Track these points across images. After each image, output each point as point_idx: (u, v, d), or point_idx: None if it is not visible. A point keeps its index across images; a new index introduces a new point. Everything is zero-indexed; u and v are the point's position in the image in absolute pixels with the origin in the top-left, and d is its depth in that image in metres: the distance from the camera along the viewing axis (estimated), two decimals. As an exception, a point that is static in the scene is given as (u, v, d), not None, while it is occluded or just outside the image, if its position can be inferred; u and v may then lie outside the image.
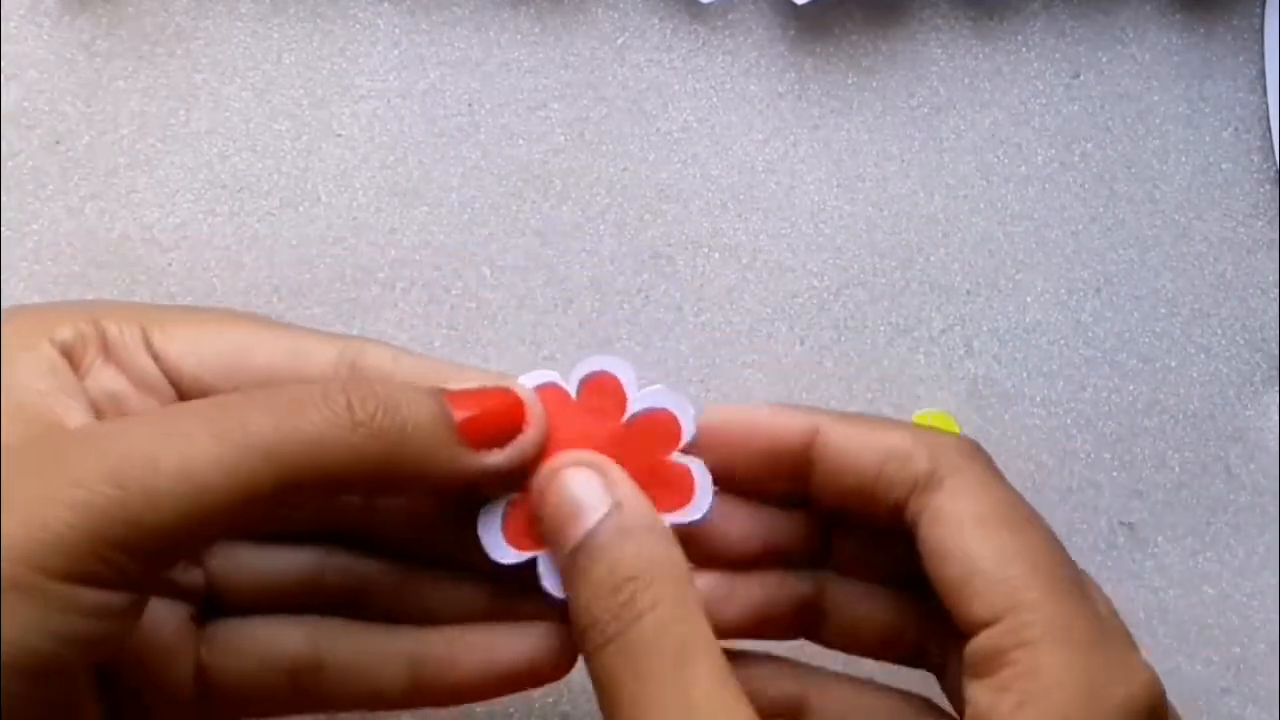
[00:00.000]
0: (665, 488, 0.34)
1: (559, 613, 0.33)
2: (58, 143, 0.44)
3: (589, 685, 0.42)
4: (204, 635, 0.34)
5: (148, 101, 0.44)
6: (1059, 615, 0.30)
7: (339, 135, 0.44)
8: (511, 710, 0.42)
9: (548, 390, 0.34)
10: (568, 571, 0.32)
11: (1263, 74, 0.44)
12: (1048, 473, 0.43)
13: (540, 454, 0.33)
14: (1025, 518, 0.32)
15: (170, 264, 0.44)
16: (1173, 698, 0.42)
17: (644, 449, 0.34)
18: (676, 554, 0.32)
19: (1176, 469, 0.43)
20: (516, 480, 0.33)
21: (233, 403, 0.30)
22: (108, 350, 0.33)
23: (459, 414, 0.32)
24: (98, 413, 0.33)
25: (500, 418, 0.33)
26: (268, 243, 0.44)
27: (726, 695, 0.30)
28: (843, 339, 0.43)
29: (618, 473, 0.33)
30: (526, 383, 0.34)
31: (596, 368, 0.34)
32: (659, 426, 0.34)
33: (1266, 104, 0.44)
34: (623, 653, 0.31)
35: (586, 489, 0.33)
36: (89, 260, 0.44)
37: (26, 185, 0.44)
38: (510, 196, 0.44)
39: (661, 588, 0.31)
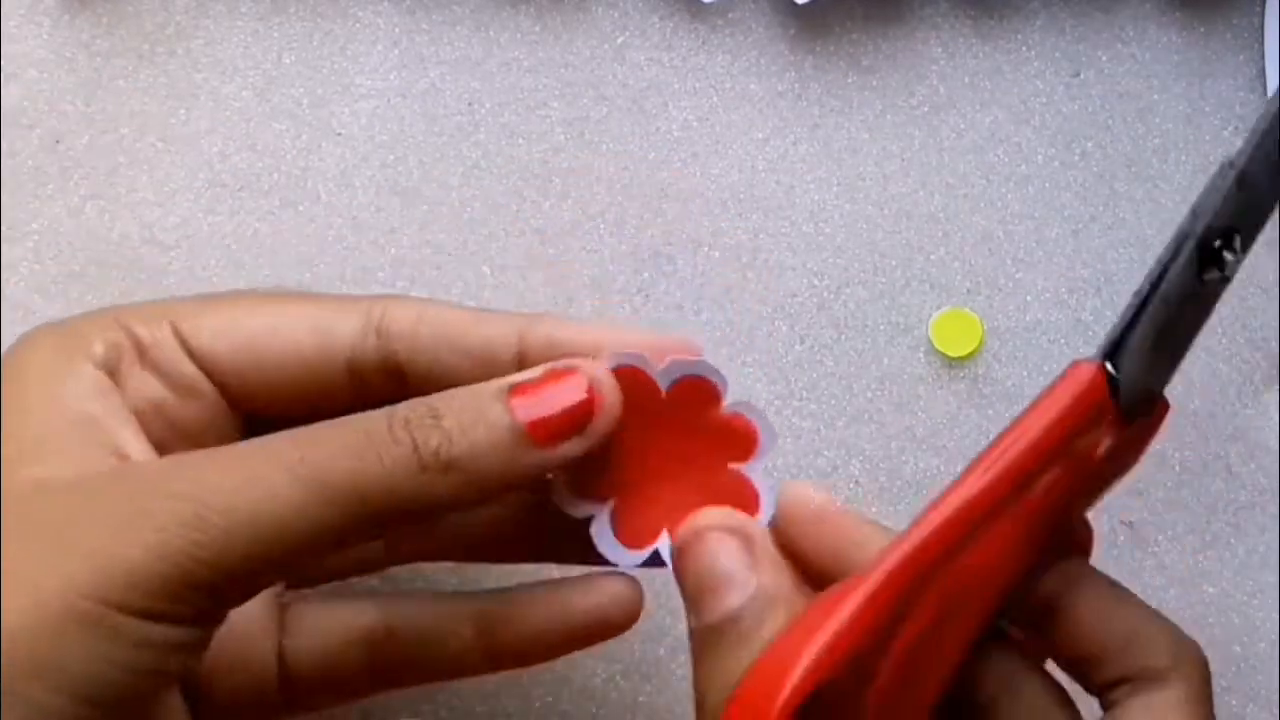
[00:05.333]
0: (728, 498, 0.34)
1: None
2: (58, 142, 0.44)
3: (590, 685, 0.42)
4: (284, 619, 0.34)
5: (148, 101, 0.44)
6: None
7: (339, 135, 0.44)
8: (511, 710, 0.42)
9: (632, 373, 0.33)
10: (702, 638, 0.32)
11: (1263, 73, 0.44)
12: (1048, 472, 0.43)
13: (613, 432, 0.33)
14: None
15: (170, 264, 0.44)
16: (1173, 697, 0.42)
17: (717, 455, 0.34)
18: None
19: (1177, 468, 0.43)
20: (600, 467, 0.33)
21: (308, 443, 0.30)
22: (143, 356, 0.33)
23: (525, 414, 0.31)
24: (142, 424, 0.33)
25: (570, 414, 0.32)
26: (268, 242, 0.44)
27: None
28: (843, 339, 0.43)
29: (762, 541, 0.32)
30: (611, 363, 0.33)
31: (692, 371, 0.34)
32: (737, 434, 0.34)
33: (1266, 103, 0.44)
34: None
35: (731, 562, 0.32)
36: (89, 260, 0.44)
37: (26, 185, 0.44)
38: (510, 196, 0.44)
39: None
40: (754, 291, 0.43)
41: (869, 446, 0.43)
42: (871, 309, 0.43)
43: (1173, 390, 0.43)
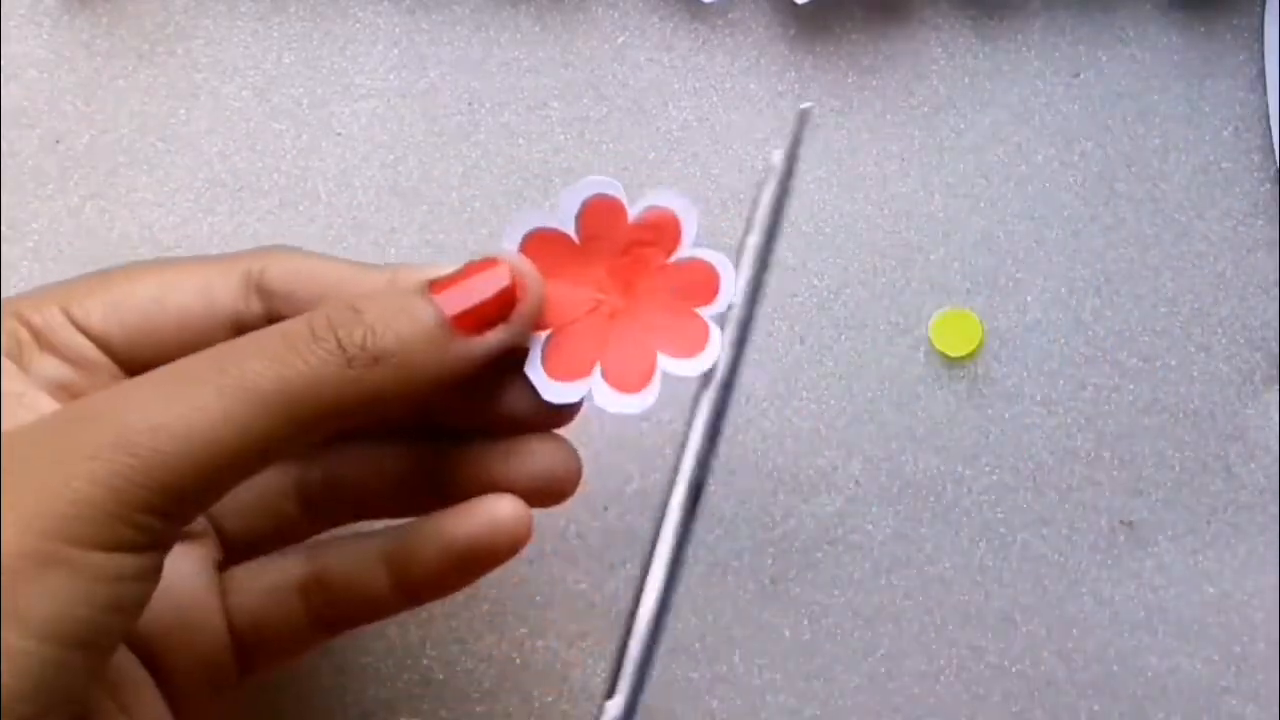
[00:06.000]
0: (678, 335, 0.34)
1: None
2: (58, 142, 0.44)
3: (590, 686, 0.42)
4: (223, 583, 0.35)
5: (148, 101, 0.44)
6: None
7: (339, 135, 0.44)
8: (511, 710, 0.42)
9: (605, 200, 0.34)
10: None
11: (1263, 73, 0.44)
12: (1048, 472, 0.43)
13: (542, 311, 0.33)
14: None
15: (170, 264, 0.44)
16: (1173, 697, 0.42)
17: (677, 294, 0.35)
18: None
19: (1176, 468, 0.43)
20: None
21: (228, 355, 0.30)
22: (40, 340, 0.34)
23: (449, 307, 0.32)
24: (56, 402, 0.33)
25: (495, 301, 0.32)
26: (268, 242, 0.44)
27: None
28: (843, 339, 0.43)
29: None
30: (521, 227, 0.34)
31: (661, 203, 0.34)
32: (698, 278, 0.35)
33: (1266, 103, 0.44)
34: None
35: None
36: (89, 260, 0.44)
37: (26, 185, 0.44)
38: (510, 196, 0.44)
39: None
40: (754, 291, 0.43)
41: (869, 446, 0.43)
42: (871, 309, 0.43)
43: (1173, 389, 0.43)
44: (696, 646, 0.42)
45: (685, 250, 0.35)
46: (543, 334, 0.34)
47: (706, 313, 0.35)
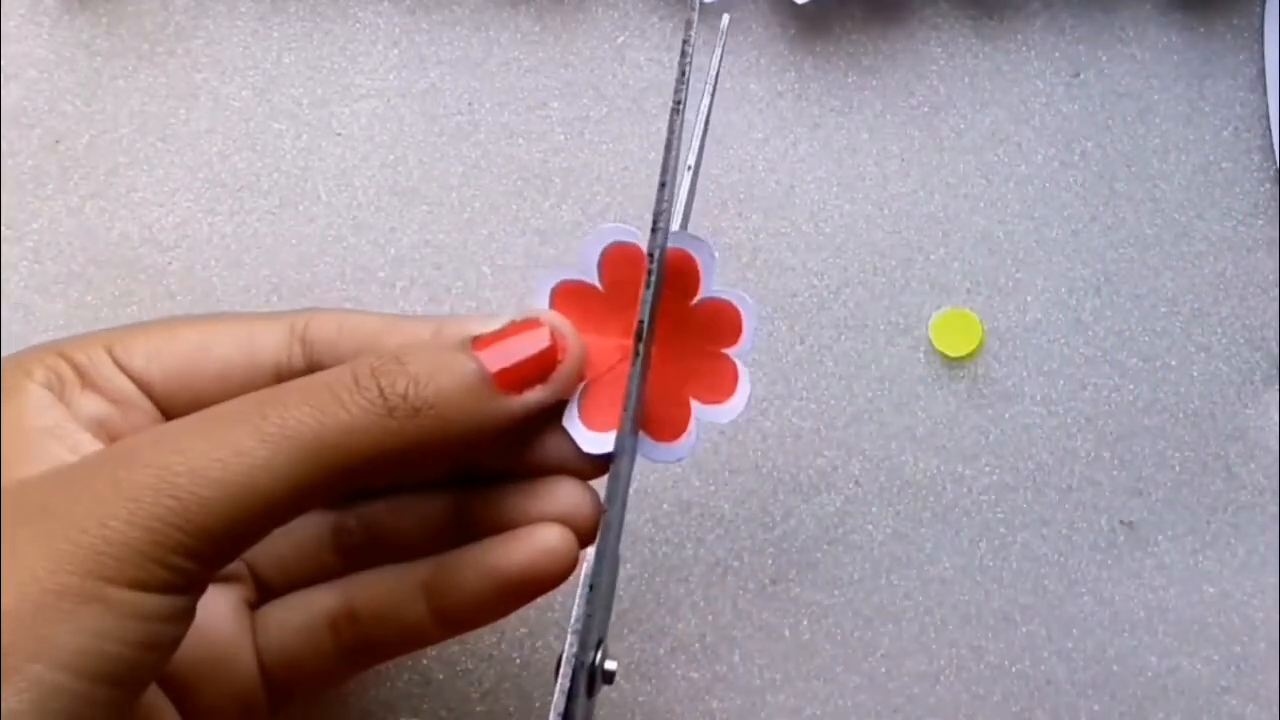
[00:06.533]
0: (708, 378, 0.34)
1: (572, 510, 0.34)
2: (58, 142, 0.44)
3: (589, 685, 0.42)
4: (254, 621, 0.35)
5: (148, 101, 0.44)
6: None
7: (339, 135, 0.44)
8: (511, 709, 0.42)
9: (628, 248, 0.34)
10: None
11: (1263, 73, 0.44)
12: (1048, 472, 0.43)
13: (582, 372, 0.34)
14: None
15: (170, 263, 0.44)
16: (1173, 697, 0.42)
17: (702, 336, 0.34)
18: None
19: (1176, 468, 0.43)
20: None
21: (270, 401, 0.31)
22: (83, 378, 0.34)
23: (492, 364, 0.32)
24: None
25: (537, 360, 0.33)
26: (268, 242, 0.44)
27: None
28: (843, 339, 0.43)
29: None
30: (549, 283, 0.34)
31: (680, 245, 0.34)
32: (722, 319, 0.34)
33: (1266, 103, 0.44)
34: None
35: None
36: (89, 259, 0.44)
37: (26, 185, 0.44)
38: (510, 196, 0.44)
39: None
40: (754, 291, 0.43)
41: (869, 446, 0.43)
42: (871, 309, 0.43)
43: (1173, 390, 0.43)
44: (696, 646, 0.42)
45: (705, 291, 0.34)
46: (578, 385, 0.34)
47: (732, 353, 0.34)
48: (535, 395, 0.32)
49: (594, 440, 0.34)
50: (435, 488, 0.36)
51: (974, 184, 0.44)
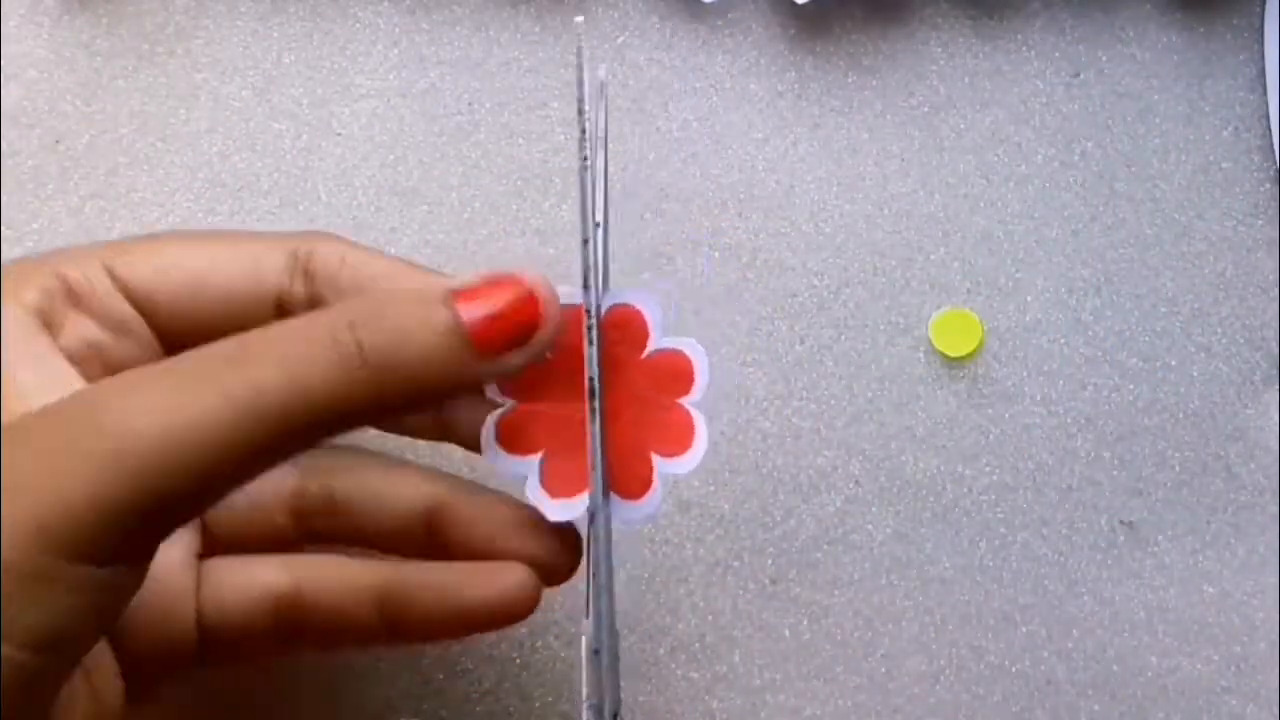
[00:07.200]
0: (665, 430, 0.34)
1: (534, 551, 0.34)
2: (58, 142, 0.44)
3: (589, 685, 0.42)
4: (201, 574, 0.34)
5: (148, 101, 0.44)
6: None
7: (339, 135, 0.44)
8: (511, 709, 0.42)
9: (571, 310, 0.34)
10: None
11: (1263, 73, 0.44)
12: (1048, 472, 0.43)
13: (554, 338, 0.33)
14: None
15: (170, 264, 0.44)
16: (1173, 697, 0.42)
17: (654, 388, 0.34)
18: None
19: (1176, 468, 0.43)
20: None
21: (238, 358, 0.29)
22: (78, 299, 0.33)
23: (470, 316, 0.31)
24: (79, 365, 0.33)
25: (517, 321, 0.32)
26: (268, 242, 0.44)
27: None
28: (843, 339, 0.43)
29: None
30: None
31: (622, 300, 0.34)
32: (673, 370, 0.34)
33: (1266, 103, 0.44)
34: None
35: None
36: (89, 260, 0.44)
37: (26, 185, 0.44)
38: (510, 196, 0.44)
39: None
40: (754, 291, 0.43)
41: (869, 446, 0.43)
42: (871, 309, 0.43)
43: (1173, 390, 0.43)
44: (696, 646, 0.42)
45: (655, 343, 0.34)
46: (535, 457, 0.34)
47: (688, 402, 0.34)
48: (513, 359, 0.32)
49: (560, 508, 0.34)
50: (415, 475, 0.35)
51: (974, 184, 0.44)
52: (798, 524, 0.42)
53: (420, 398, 0.31)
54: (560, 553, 0.35)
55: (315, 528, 0.35)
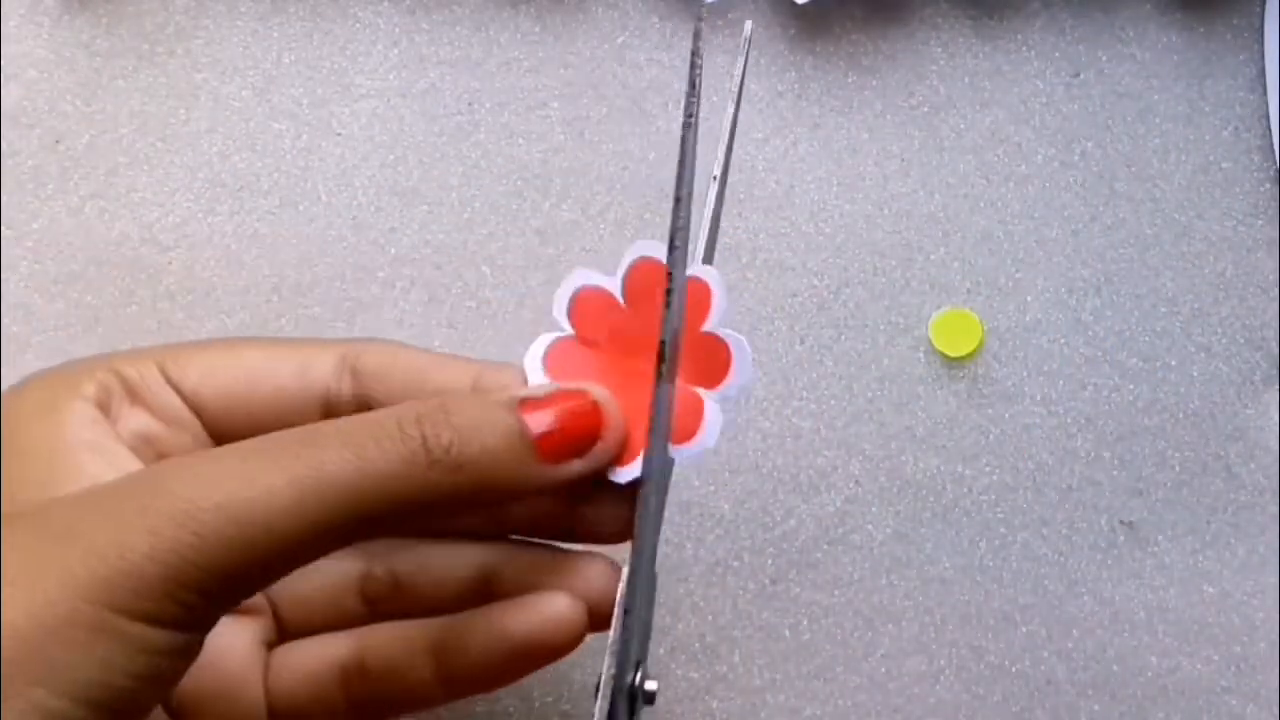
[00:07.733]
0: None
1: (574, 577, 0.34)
2: (58, 142, 0.44)
3: (589, 685, 0.42)
4: (268, 659, 0.35)
5: (148, 101, 0.44)
6: None
7: (339, 135, 0.44)
8: (511, 709, 0.42)
9: (644, 267, 0.34)
10: None
11: (1263, 73, 0.44)
12: (1048, 472, 0.43)
13: (620, 449, 0.33)
14: None
15: (170, 263, 0.44)
16: (1173, 697, 0.42)
17: (696, 368, 0.34)
18: None
19: (1176, 468, 0.43)
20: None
21: (306, 441, 0.30)
22: (133, 394, 0.34)
23: (535, 426, 0.32)
24: (136, 454, 0.34)
25: (579, 433, 0.32)
26: (268, 242, 0.44)
27: None
28: (843, 339, 0.43)
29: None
30: (570, 287, 0.34)
31: (700, 275, 0.34)
32: (715, 356, 0.34)
33: (1266, 103, 0.44)
34: None
35: None
36: (89, 259, 0.44)
37: (26, 185, 0.44)
38: (510, 196, 0.44)
39: None
40: (754, 291, 0.43)
41: (869, 446, 0.43)
42: (871, 309, 0.43)
43: (1173, 390, 0.43)
44: (696, 646, 0.42)
45: (710, 324, 0.34)
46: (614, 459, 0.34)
47: (712, 394, 0.34)
48: (574, 467, 0.32)
49: (624, 472, 0.34)
50: (467, 546, 0.36)
51: (974, 184, 0.44)
52: (798, 524, 0.42)
53: (481, 495, 0.31)
54: (605, 588, 0.34)
55: (383, 609, 0.36)
